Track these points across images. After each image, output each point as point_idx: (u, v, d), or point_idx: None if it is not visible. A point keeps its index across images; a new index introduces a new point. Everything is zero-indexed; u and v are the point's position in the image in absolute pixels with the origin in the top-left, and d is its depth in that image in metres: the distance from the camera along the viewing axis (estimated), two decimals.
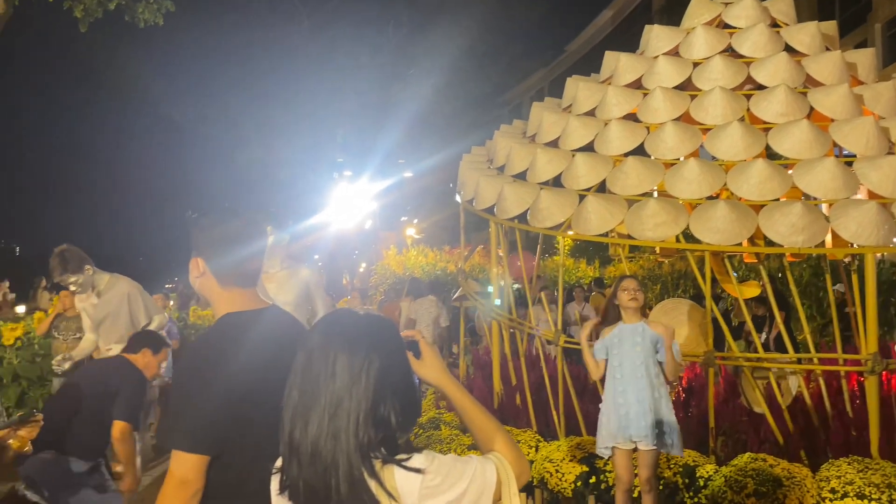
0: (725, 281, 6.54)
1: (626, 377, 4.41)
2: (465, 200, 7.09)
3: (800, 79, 6.05)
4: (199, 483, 1.87)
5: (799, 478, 4.69)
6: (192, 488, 1.86)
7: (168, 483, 1.86)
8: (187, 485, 1.85)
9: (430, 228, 32.18)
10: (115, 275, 5.11)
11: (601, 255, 23.79)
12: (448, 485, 1.42)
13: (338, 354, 1.45)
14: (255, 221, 2.14)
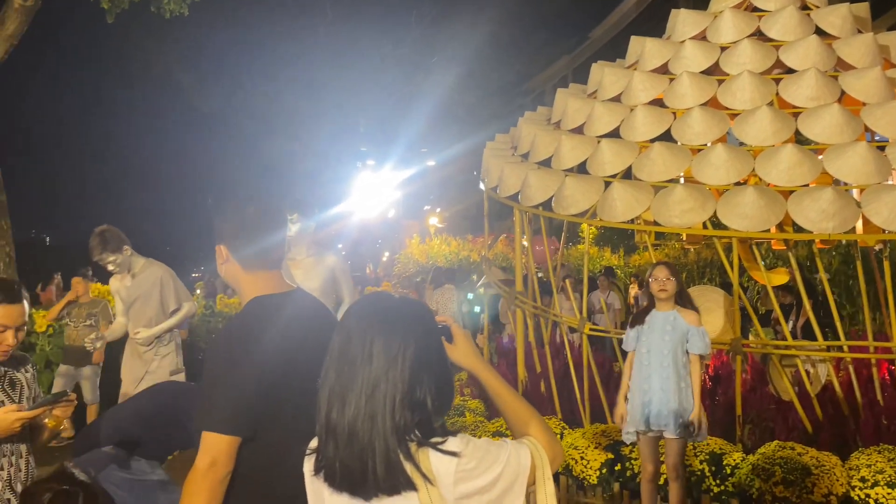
0: (753, 268, 6.47)
1: (652, 364, 4.39)
2: (489, 188, 7.07)
3: (830, 62, 5.93)
4: (229, 466, 1.86)
5: (828, 466, 4.64)
6: (222, 471, 1.85)
7: (198, 466, 1.85)
8: (218, 467, 1.84)
9: (452, 217, 32.18)
10: (150, 259, 5.18)
11: (626, 244, 23.60)
12: (483, 468, 1.42)
13: (375, 337, 1.47)
14: (274, 206, 2.13)
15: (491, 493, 1.42)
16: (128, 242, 5.08)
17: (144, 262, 5.13)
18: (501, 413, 1.62)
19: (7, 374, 2.54)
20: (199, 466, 1.84)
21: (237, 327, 2.01)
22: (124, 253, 5.02)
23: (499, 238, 20.22)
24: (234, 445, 1.87)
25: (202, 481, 1.84)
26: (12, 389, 2.54)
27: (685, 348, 4.36)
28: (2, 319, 2.45)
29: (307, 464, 1.56)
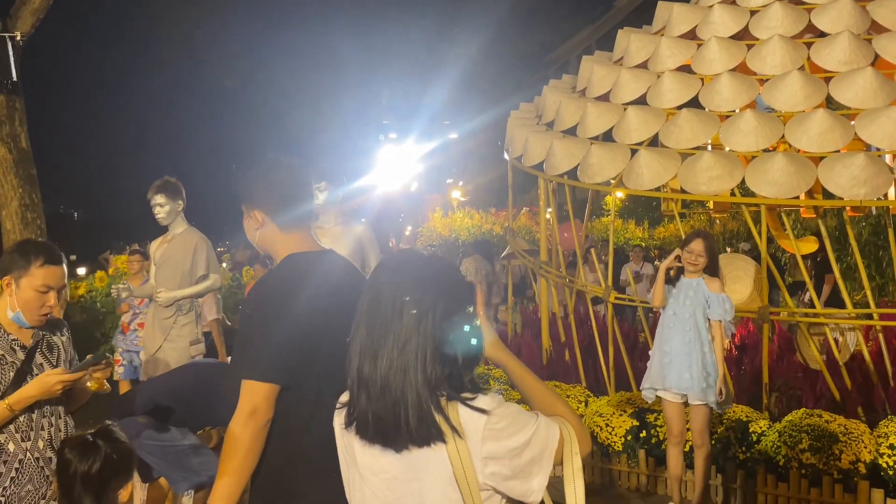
0: (781, 237, 6.39)
1: (675, 328, 4.39)
2: (514, 158, 7.04)
3: (864, 25, 5.79)
4: (269, 413, 1.89)
5: (856, 434, 4.62)
6: (263, 418, 1.88)
7: (239, 414, 1.88)
8: (258, 414, 1.87)
9: (475, 191, 32.06)
10: (192, 227, 5.25)
11: (650, 216, 23.40)
12: (512, 431, 1.43)
13: (405, 293, 1.48)
14: (300, 168, 2.17)
15: (519, 459, 1.43)
16: (183, 199, 5.15)
17: (186, 228, 5.19)
18: (527, 401, 1.63)
19: (45, 338, 2.60)
20: (241, 415, 1.88)
21: (274, 279, 2.05)
22: (176, 205, 5.09)
23: (522, 210, 20.13)
24: (273, 393, 1.90)
25: (244, 429, 1.87)
26: (50, 353, 2.60)
27: (706, 314, 4.36)
28: (44, 280, 2.48)
29: (337, 418, 1.59)
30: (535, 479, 1.45)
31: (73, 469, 2.12)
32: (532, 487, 1.45)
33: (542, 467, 1.45)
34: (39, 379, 2.44)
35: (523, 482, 1.44)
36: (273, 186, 2.12)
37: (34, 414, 2.49)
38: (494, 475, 1.43)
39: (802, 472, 4.61)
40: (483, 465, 1.42)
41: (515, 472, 1.43)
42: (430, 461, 1.43)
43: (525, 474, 1.44)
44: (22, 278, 2.47)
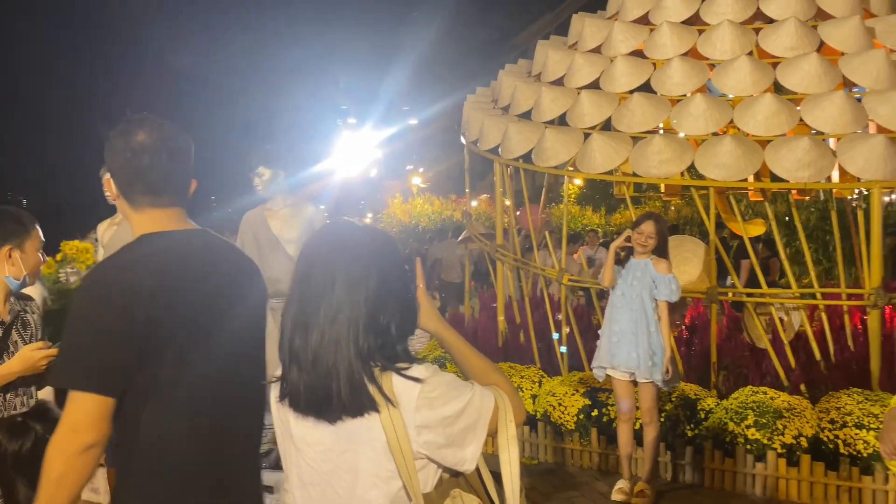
0: (730, 219, 6.53)
1: (623, 308, 4.48)
2: (470, 142, 7.05)
3: (810, 11, 5.92)
4: (94, 435, 1.57)
5: (799, 409, 4.77)
6: (83, 439, 1.56)
7: (56, 431, 1.58)
8: (79, 435, 1.56)
9: (435, 177, 32.05)
10: None
11: (607, 203, 23.71)
12: (446, 399, 1.43)
13: (337, 264, 1.47)
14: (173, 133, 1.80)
15: (453, 428, 1.43)
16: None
17: None
18: (464, 371, 1.63)
19: (20, 315, 2.57)
20: (57, 432, 1.57)
21: (108, 266, 1.75)
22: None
23: (480, 197, 20.19)
24: (101, 407, 1.57)
25: (56, 451, 1.57)
26: (24, 330, 2.58)
27: (653, 294, 4.44)
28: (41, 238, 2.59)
29: (272, 391, 1.57)
30: (469, 448, 1.45)
31: (3, 450, 2.08)
32: (465, 456, 1.45)
33: (476, 436, 1.46)
34: (22, 354, 2.43)
35: (457, 450, 1.45)
36: (123, 153, 1.75)
37: (8, 394, 2.46)
38: (428, 444, 1.43)
39: (748, 447, 4.75)
40: (417, 434, 1.42)
41: (449, 440, 1.43)
42: (364, 431, 1.43)
43: (459, 442, 1.44)
44: (26, 242, 2.53)
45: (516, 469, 1.52)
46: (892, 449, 2.29)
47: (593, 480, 5.10)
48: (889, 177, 4.96)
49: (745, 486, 4.79)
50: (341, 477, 1.47)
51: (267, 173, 4.70)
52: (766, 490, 4.73)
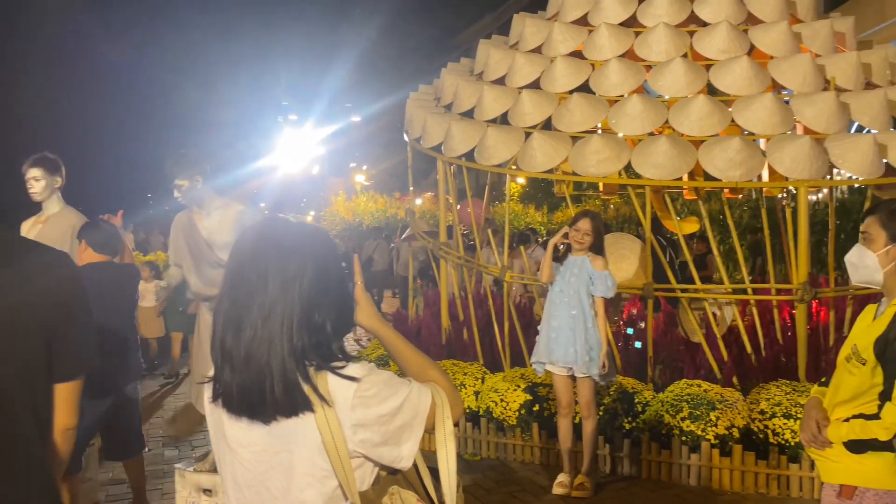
0: (665, 217, 6.71)
1: (561, 304, 4.56)
2: (413, 139, 7.05)
3: (741, 16, 6.12)
4: None
5: (731, 401, 4.93)
6: None
7: None
8: None
9: (379, 175, 31.90)
10: (69, 206, 4.87)
11: (549, 201, 24.03)
12: (383, 397, 1.42)
13: (270, 261, 1.45)
14: None
15: (389, 426, 1.43)
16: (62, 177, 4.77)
17: (62, 208, 4.81)
18: (401, 368, 1.63)
19: None
20: None
21: None
22: (53, 181, 4.69)
23: (424, 196, 20.19)
24: None
25: None
26: None
27: (590, 290, 4.54)
28: None
29: (206, 391, 1.54)
30: (406, 445, 1.45)
31: None
32: (402, 454, 1.45)
33: (413, 433, 1.46)
34: None
35: (393, 448, 1.45)
36: None
37: None
38: (364, 442, 1.42)
39: (683, 438, 4.89)
40: (353, 433, 1.41)
41: (385, 438, 1.43)
42: (299, 431, 1.42)
43: (395, 440, 1.44)
44: None
45: (453, 465, 1.53)
46: (810, 437, 2.39)
47: (534, 475, 5.17)
48: (814, 176, 5.17)
49: (681, 477, 4.93)
50: (276, 477, 1.46)
51: (184, 183, 4.46)
52: (700, 480, 4.88)
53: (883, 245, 2.31)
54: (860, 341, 2.32)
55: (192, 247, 4.56)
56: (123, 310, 4.29)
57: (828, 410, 2.43)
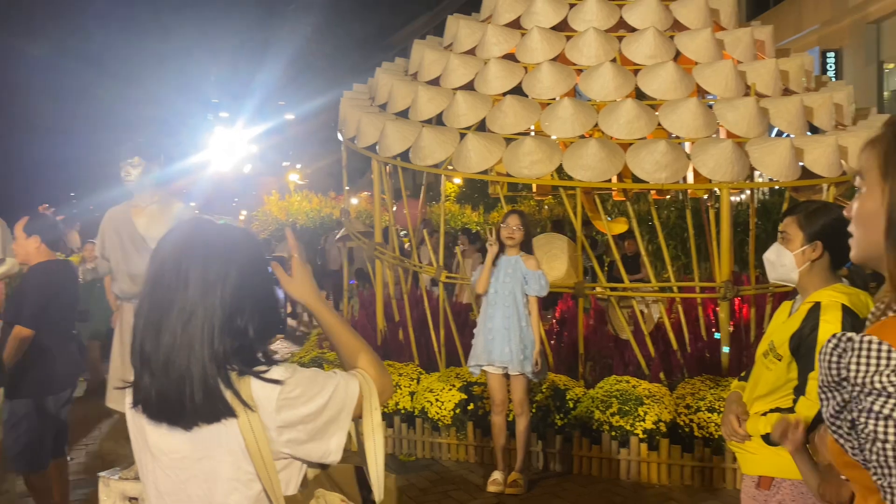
0: (596, 218, 6.86)
1: (497, 304, 4.62)
2: (347, 138, 7.00)
3: (668, 22, 6.31)
4: None
5: (658, 396, 5.08)
6: None
7: None
8: None
9: (314, 174, 31.49)
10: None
11: (485, 202, 24.21)
12: (307, 397, 1.42)
13: (192, 263, 1.42)
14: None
15: (315, 422, 1.42)
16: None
17: None
18: (335, 347, 1.63)
19: None
20: None
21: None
22: None
23: (360, 195, 20.04)
24: None
25: None
26: None
27: (524, 290, 4.62)
28: None
29: (127, 397, 1.50)
30: (333, 439, 1.45)
31: None
32: (330, 448, 1.45)
33: (340, 426, 1.45)
34: None
35: (320, 443, 1.44)
36: None
37: None
38: (291, 442, 1.42)
39: (612, 434, 5.01)
40: (278, 435, 1.40)
41: (312, 435, 1.43)
42: (222, 437, 1.40)
43: (321, 435, 1.44)
44: None
45: (381, 457, 1.53)
46: (731, 431, 2.49)
47: (469, 473, 5.21)
48: (736, 178, 5.38)
49: (611, 472, 5.06)
50: (198, 485, 1.43)
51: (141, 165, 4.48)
52: (629, 474, 5.02)
53: (800, 245, 2.41)
54: (776, 337, 2.43)
55: (125, 240, 4.54)
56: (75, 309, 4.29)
57: (747, 404, 2.53)
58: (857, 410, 1.10)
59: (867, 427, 1.08)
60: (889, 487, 1.06)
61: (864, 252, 1.24)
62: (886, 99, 19.35)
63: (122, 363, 4.41)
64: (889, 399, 1.06)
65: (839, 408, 1.14)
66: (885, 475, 1.07)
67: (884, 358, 1.08)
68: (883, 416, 1.06)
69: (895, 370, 1.06)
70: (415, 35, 33.79)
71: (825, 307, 2.27)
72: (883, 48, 19.34)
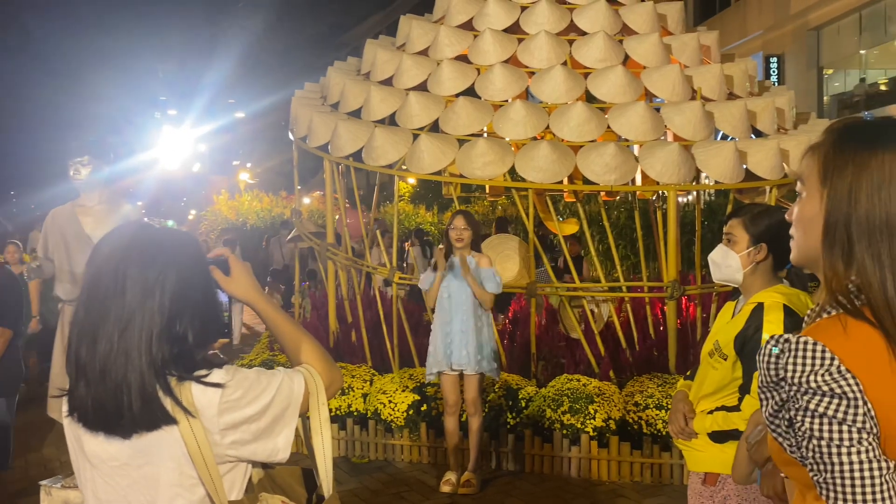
0: (547, 218, 6.94)
1: (453, 307, 4.63)
2: (298, 138, 6.93)
3: (617, 27, 6.41)
4: None
5: (608, 394, 5.17)
6: None
7: None
8: None
9: (265, 173, 31.09)
10: None
11: (439, 202, 24.24)
12: (250, 398, 1.40)
13: (129, 268, 1.39)
14: None
15: (260, 422, 1.41)
16: None
17: None
18: (280, 343, 1.61)
19: None
20: None
21: None
22: None
23: (312, 195, 19.86)
24: None
25: None
26: None
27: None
28: None
29: (63, 406, 1.47)
30: (280, 437, 1.43)
31: None
32: (278, 445, 1.44)
33: (286, 424, 1.44)
34: None
35: (267, 442, 1.42)
36: None
37: None
38: (235, 443, 1.40)
39: (564, 432, 5.08)
40: (222, 437, 1.39)
41: (257, 434, 1.41)
42: (163, 444, 1.38)
43: (268, 434, 1.42)
44: None
45: (329, 453, 1.52)
46: (678, 429, 2.55)
47: (422, 474, 5.22)
48: (683, 180, 5.50)
49: (562, 469, 5.12)
50: (139, 492, 1.41)
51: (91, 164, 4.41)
52: (580, 472, 5.09)
53: (745, 247, 2.48)
54: (721, 337, 2.49)
55: (70, 240, 4.46)
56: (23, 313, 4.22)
57: (693, 403, 2.60)
58: (794, 409, 1.14)
59: (804, 425, 1.12)
60: (825, 483, 1.11)
61: (802, 255, 1.28)
62: (826, 103, 20.06)
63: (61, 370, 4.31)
64: (824, 398, 1.10)
65: (777, 407, 1.18)
66: (822, 471, 1.11)
67: (818, 358, 1.12)
68: (818, 414, 1.11)
69: (829, 370, 1.11)
70: (367, 34, 33.64)
71: (768, 308, 2.35)
72: (823, 54, 20.06)
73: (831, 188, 1.20)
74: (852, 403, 1.09)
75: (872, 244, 1.16)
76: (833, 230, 1.19)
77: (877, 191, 1.17)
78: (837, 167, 1.21)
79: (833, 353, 1.12)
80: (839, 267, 1.19)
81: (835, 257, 1.19)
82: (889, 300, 1.15)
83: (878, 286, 1.15)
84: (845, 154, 1.21)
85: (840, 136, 1.24)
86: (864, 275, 1.16)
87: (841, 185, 1.19)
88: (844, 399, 1.09)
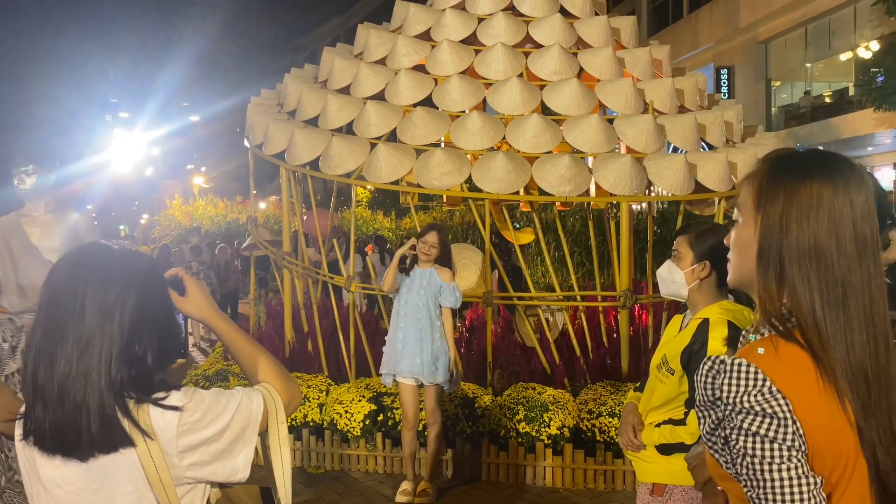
0: (504, 228, 7.01)
1: (408, 315, 4.66)
2: (254, 145, 6.88)
3: (572, 40, 6.53)
4: None
5: (563, 402, 5.25)
6: None
7: None
8: None
9: (219, 178, 30.71)
10: None
11: (397, 208, 24.22)
12: (209, 420, 1.41)
13: (88, 289, 1.39)
14: None
15: (218, 443, 1.41)
16: None
17: None
18: (237, 361, 1.61)
19: None
20: None
21: None
22: None
23: (268, 200, 19.67)
24: None
25: None
26: None
27: (438, 302, 4.68)
28: None
29: (17, 429, 1.45)
30: (240, 457, 1.44)
31: None
32: (237, 465, 1.44)
33: (246, 443, 1.45)
34: None
35: (226, 462, 1.43)
36: None
37: None
38: (194, 465, 1.40)
39: (519, 440, 5.14)
40: (180, 460, 1.39)
41: (216, 455, 1.42)
42: (120, 467, 1.38)
43: (227, 454, 1.43)
44: None
45: (288, 471, 1.53)
46: (627, 441, 2.62)
47: (378, 484, 5.22)
48: (635, 191, 5.62)
49: (518, 478, 5.18)
50: None
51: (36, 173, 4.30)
52: (535, 479, 5.15)
53: (690, 264, 2.56)
54: (668, 351, 2.57)
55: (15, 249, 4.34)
56: None
57: (643, 414, 2.67)
58: (729, 428, 1.20)
59: (738, 443, 1.18)
60: (758, 498, 1.17)
61: (738, 277, 1.35)
62: (774, 114, 20.68)
63: None
64: (756, 417, 1.16)
65: (714, 425, 1.24)
66: (754, 487, 1.17)
67: (752, 379, 1.18)
68: (751, 432, 1.17)
69: (761, 391, 1.17)
70: (325, 37, 33.57)
71: (713, 323, 2.43)
72: (771, 66, 20.68)
73: (765, 215, 1.27)
74: (782, 423, 1.16)
75: (802, 268, 1.23)
76: (766, 254, 1.26)
77: (806, 217, 1.24)
78: (770, 195, 1.27)
79: (765, 374, 1.18)
80: (772, 289, 1.25)
81: (768, 280, 1.26)
82: (817, 321, 1.21)
83: (807, 307, 1.22)
84: (778, 183, 1.28)
85: (773, 166, 1.31)
86: (794, 297, 1.23)
87: (774, 211, 1.26)
88: (775, 418, 1.16)
